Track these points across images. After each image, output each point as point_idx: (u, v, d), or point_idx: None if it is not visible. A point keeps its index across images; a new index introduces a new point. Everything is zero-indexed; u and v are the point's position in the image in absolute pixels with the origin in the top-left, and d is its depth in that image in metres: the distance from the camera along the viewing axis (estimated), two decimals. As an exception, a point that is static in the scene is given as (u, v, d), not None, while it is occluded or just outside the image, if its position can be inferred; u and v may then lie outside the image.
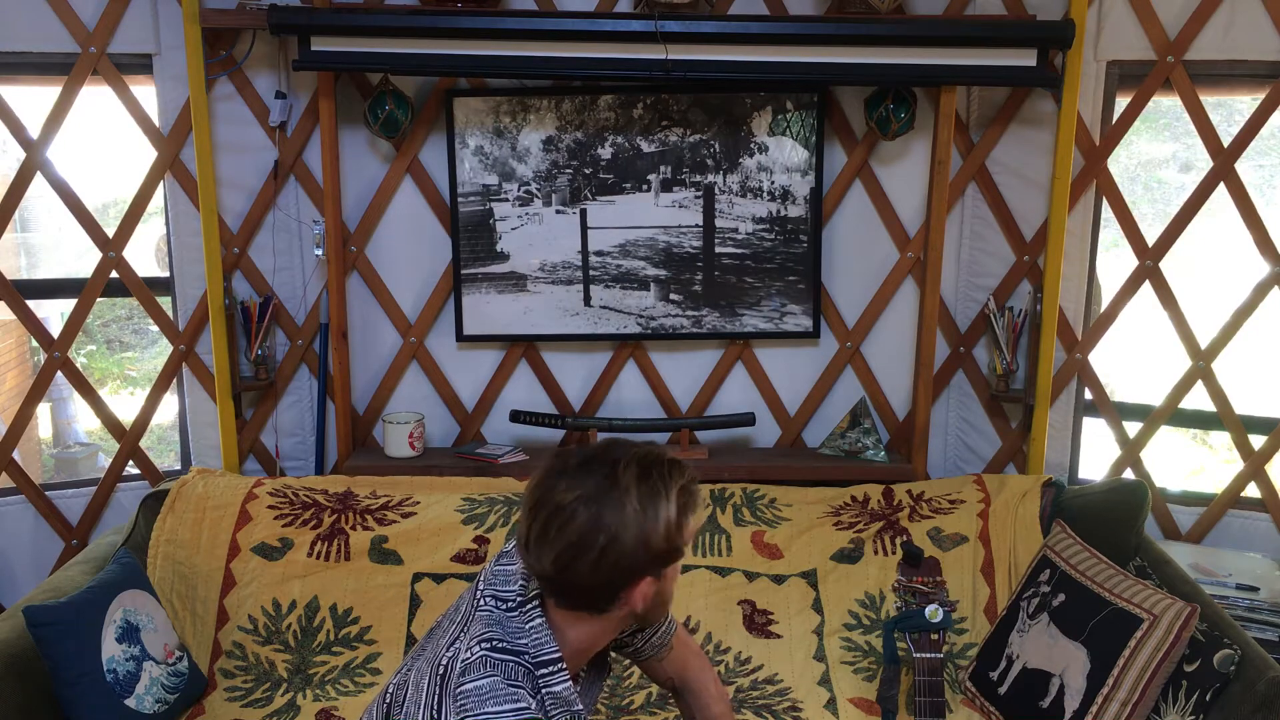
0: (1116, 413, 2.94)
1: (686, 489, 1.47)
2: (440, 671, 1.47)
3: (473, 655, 1.46)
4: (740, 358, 3.09)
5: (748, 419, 3.03)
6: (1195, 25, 2.66)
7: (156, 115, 2.83)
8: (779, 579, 2.60)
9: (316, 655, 2.47)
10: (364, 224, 2.98)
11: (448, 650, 1.49)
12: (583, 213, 2.94)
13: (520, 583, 1.53)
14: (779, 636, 2.51)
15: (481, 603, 1.54)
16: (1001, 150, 2.91)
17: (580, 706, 1.51)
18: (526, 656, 1.47)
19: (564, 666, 1.48)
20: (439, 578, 2.57)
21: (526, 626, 1.49)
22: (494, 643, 1.47)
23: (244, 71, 2.85)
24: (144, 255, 4.17)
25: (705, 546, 2.64)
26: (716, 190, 2.92)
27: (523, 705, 1.42)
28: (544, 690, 1.46)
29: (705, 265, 2.97)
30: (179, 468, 3.07)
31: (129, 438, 3.00)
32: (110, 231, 2.88)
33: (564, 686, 1.47)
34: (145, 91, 2.84)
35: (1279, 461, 2.84)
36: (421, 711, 1.46)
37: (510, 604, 1.52)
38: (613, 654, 1.91)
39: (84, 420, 5.30)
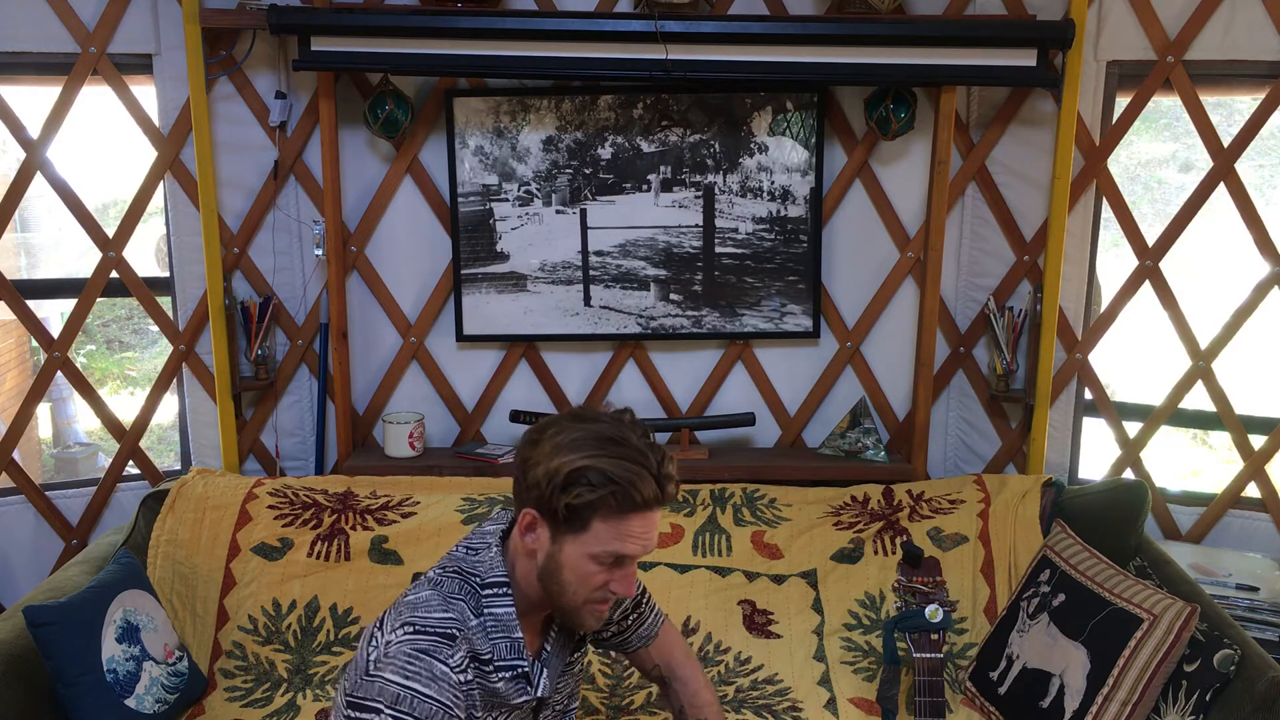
0: (1116, 413, 2.94)
1: (609, 475, 1.46)
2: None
3: (425, 576, 1.60)
4: (740, 358, 3.09)
5: (748, 419, 3.03)
6: (1195, 25, 2.66)
7: (156, 115, 2.83)
8: (779, 579, 2.60)
9: (316, 655, 2.47)
10: (364, 224, 2.98)
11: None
12: (583, 213, 2.94)
13: (495, 537, 1.63)
14: (779, 636, 2.51)
15: (453, 550, 1.65)
16: (1001, 150, 2.91)
17: (520, 635, 1.56)
18: (475, 578, 1.57)
19: (509, 591, 1.56)
20: (439, 578, 2.56)
21: (485, 557, 1.59)
22: (446, 567, 1.59)
23: (244, 71, 2.85)
24: (144, 255, 4.19)
25: (705, 546, 2.64)
26: (716, 190, 2.92)
27: (450, 616, 1.53)
28: (486, 611, 1.55)
29: (705, 265, 2.97)
30: (179, 468, 3.07)
31: (129, 438, 3.00)
32: (110, 231, 2.88)
33: (506, 611, 1.55)
34: (145, 91, 2.84)
35: (1279, 461, 2.84)
36: (370, 628, 1.56)
37: (478, 549, 1.62)
38: (604, 650, 1.96)
39: (84, 420, 5.31)
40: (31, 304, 2.93)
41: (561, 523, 1.49)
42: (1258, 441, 2.82)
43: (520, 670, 1.56)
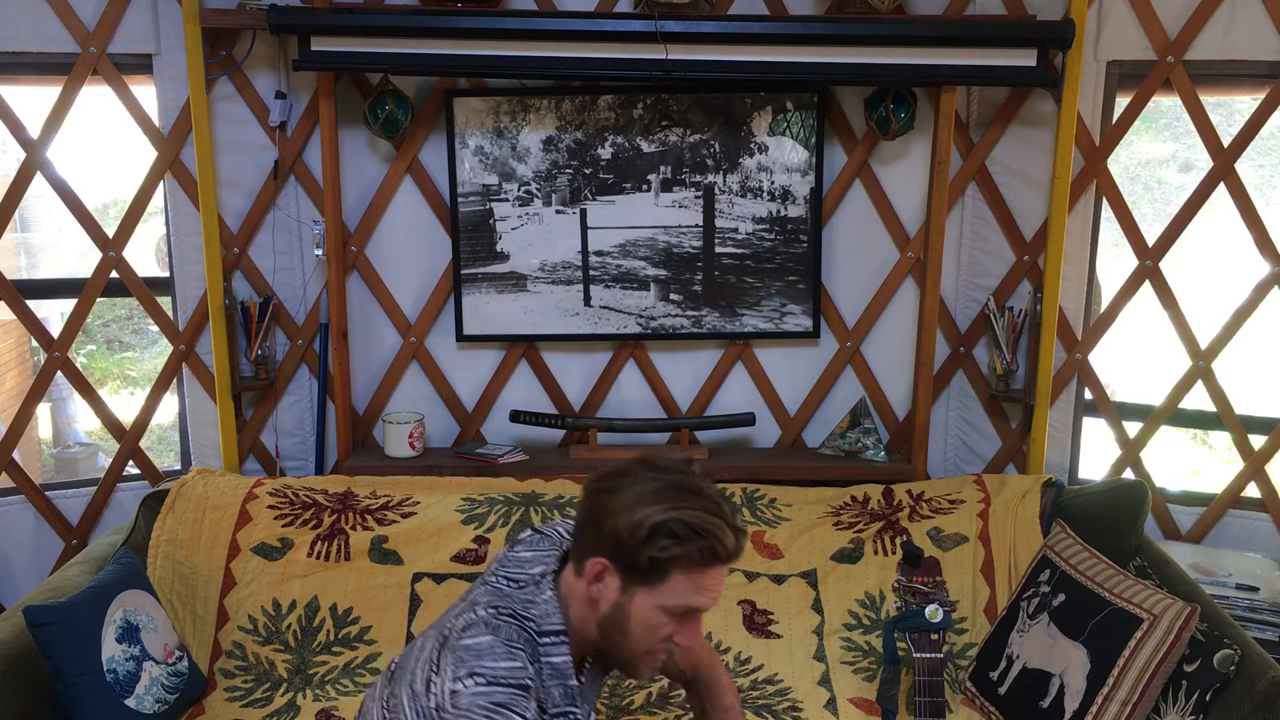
0: (1116, 413, 2.94)
1: (694, 528, 1.44)
2: (444, 634, 1.53)
3: (476, 615, 1.52)
4: (740, 358, 3.09)
5: (748, 419, 3.03)
6: (1195, 25, 2.66)
7: (156, 115, 2.83)
8: (779, 579, 2.60)
9: (316, 655, 2.47)
10: (364, 224, 2.98)
11: (456, 619, 1.55)
12: (583, 213, 2.94)
13: (538, 567, 1.58)
14: (779, 636, 2.51)
15: (493, 581, 1.59)
16: (1001, 150, 2.91)
17: (574, 682, 1.54)
18: (531, 624, 1.52)
19: (566, 640, 1.52)
20: (439, 578, 2.57)
21: (538, 599, 1.54)
22: (499, 608, 1.53)
23: (244, 71, 2.85)
24: (144, 255, 4.18)
25: (705, 546, 2.64)
26: (716, 190, 2.92)
27: (518, 665, 1.47)
28: (543, 659, 1.51)
29: (705, 265, 2.97)
30: (179, 468, 3.07)
31: (129, 438, 3.00)
32: (110, 231, 2.88)
33: (563, 660, 1.52)
34: (145, 91, 2.84)
35: (1279, 461, 2.84)
36: (422, 669, 1.51)
37: (523, 583, 1.57)
38: None
39: (84, 420, 5.31)
40: (31, 304, 2.93)
41: (639, 575, 1.47)
42: (1258, 441, 2.82)
43: (574, 717, 1.54)
